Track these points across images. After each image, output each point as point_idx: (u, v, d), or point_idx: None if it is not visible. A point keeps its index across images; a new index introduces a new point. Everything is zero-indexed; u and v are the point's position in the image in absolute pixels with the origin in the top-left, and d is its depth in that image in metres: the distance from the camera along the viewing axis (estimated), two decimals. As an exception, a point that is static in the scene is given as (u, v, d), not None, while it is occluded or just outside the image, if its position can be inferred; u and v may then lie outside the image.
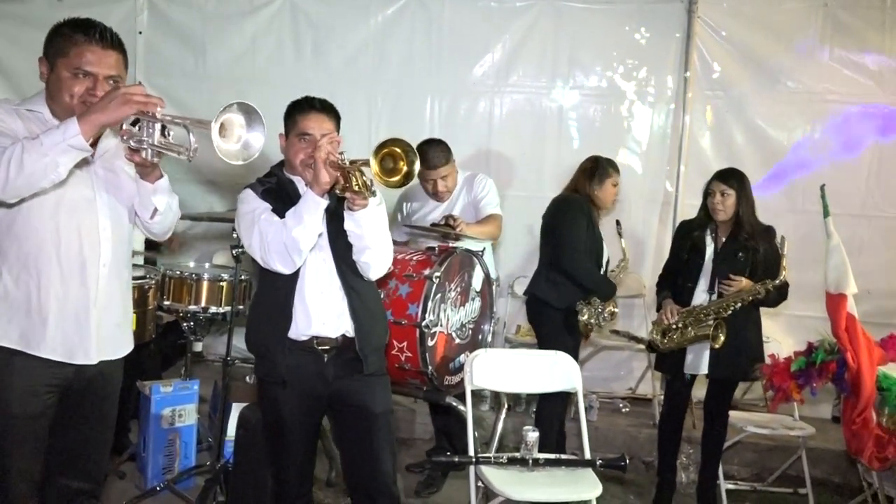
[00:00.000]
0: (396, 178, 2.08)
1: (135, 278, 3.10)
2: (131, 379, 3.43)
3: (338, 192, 2.13)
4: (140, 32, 4.82)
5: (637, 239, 4.63)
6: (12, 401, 1.90)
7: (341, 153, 2.10)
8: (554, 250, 3.48)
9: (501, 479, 2.63)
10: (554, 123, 4.64)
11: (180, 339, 3.53)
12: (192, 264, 3.71)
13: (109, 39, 1.93)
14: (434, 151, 3.38)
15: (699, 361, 3.31)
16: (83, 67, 1.89)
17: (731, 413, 3.48)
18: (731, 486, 3.59)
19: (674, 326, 3.29)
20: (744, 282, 3.20)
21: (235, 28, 4.76)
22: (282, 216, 2.20)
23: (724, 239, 3.32)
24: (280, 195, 2.29)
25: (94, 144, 1.97)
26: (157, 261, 3.82)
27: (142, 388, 3.36)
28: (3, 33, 4.73)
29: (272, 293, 2.27)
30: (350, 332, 2.28)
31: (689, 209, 4.25)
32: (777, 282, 3.18)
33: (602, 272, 3.56)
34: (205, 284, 3.33)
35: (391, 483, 2.32)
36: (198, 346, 3.46)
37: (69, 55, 1.89)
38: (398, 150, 2.06)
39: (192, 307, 3.30)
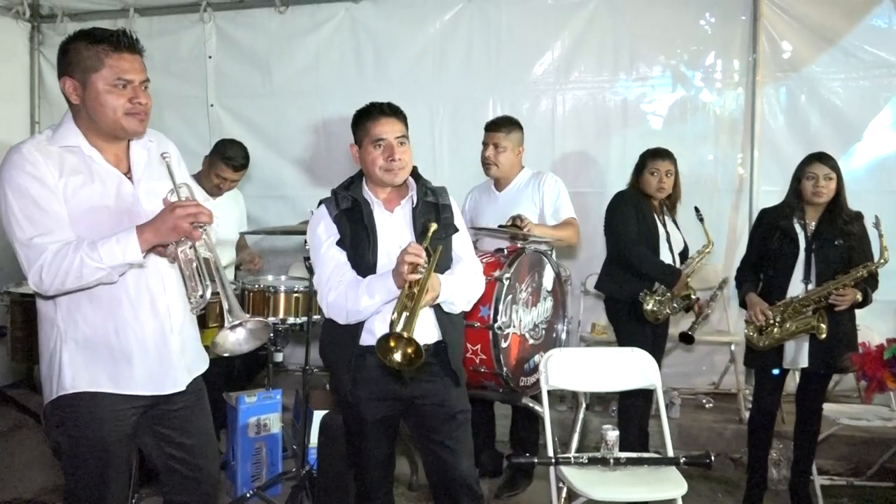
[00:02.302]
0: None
1: (215, 293, 3.21)
2: (219, 391, 3.57)
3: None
4: (210, 57, 5.01)
5: (711, 230, 4.49)
6: (105, 430, 1.93)
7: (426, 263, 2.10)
8: (610, 245, 3.53)
9: (582, 479, 2.60)
10: (618, 117, 4.57)
11: (262, 350, 3.62)
12: (269, 277, 3.81)
13: (135, 44, 1.92)
14: (502, 118, 3.57)
15: (800, 355, 3.18)
16: (123, 76, 1.86)
17: (824, 405, 3.34)
18: (825, 482, 3.45)
19: (771, 322, 3.16)
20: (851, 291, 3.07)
21: (299, 45, 4.89)
22: (352, 243, 2.22)
23: (813, 225, 3.19)
24: (353, 218, 2.26)
25: (127, 172, 1.98)
26: (237, 275, 3.93)
27: (228, 399, 3.48)
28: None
29: None
30: (430, 339, 2.27)
31: (765, 196, 4.13)
32: (881, 261, 3.05)
33: (672, 259, 3.51)
34: (282, 296, 3.43)
35: (472, 481, 2.32)
36: (278, 357, 3.55)
37: (103, 66, 1.85)
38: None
39: (271, 318, 3.38)
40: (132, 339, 1.94)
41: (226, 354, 1.87)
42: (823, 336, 3.06)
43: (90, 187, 1.90)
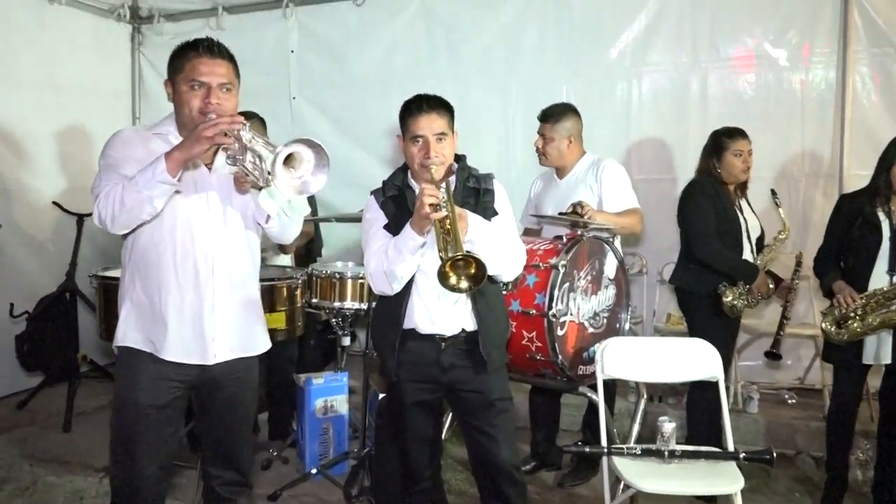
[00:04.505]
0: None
1: (283, 278, 3.36)
2: (291, 373, 3.73)
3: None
4: (292, 51, 5.20)
5: (798, 216, 4.28)
6: (140, 392, 2.11)
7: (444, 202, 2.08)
8: (685, 238, 3.38)
9: (634, 470, 2.55)
10: (697, 100, 4.40)
11: (332, 334, 3.74)
12: (338, 264, 3.93)
13: (217, 50, 2.09)
14: (551, 107, 3.45)
15: (883, 350, 3.00)
16: (197, 78, 2.04)
17: (911, 405, 3.13)
18: (913, 485, 3.23)
19: (852, 315, 3.00)
20: None
21: (375, 37, 5.00)
22: (397, 228, 2.26)
23: None
24: (399, 205, 2.33)
25: (209, 164, 2.16)
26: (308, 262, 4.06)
27: (297, 381, 3.63)
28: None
29: (393, 296, 2.31)
30: (468, 327, 2.31)
31: (857, 181, 3.86)
32: None
33: (751, 249, 3.36)
34: (348, 283, 3.51)
35: (512, 468, 2.33)
36: (345, 341, 3.65)
37: (184, 70, 2.06)
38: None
39: (337, 304, 3.49)
40: (171, 307, 2.11)
41: (301, 195, 1.87)
42: None
43: None
